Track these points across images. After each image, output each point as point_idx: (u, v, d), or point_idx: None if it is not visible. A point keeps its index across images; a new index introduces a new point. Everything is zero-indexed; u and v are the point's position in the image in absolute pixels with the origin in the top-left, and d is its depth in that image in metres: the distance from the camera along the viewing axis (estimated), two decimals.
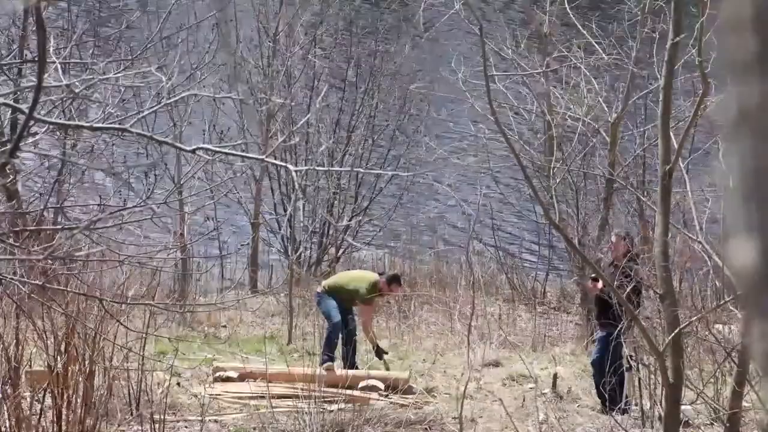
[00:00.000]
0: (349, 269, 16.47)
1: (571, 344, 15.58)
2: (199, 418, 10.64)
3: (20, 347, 9.53)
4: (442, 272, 19.96)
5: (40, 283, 7.76)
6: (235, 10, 19.24)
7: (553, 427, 11.28)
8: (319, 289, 13.30)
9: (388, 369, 13.02)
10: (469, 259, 18.90)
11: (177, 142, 9.09)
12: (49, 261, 7.26)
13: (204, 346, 13.37)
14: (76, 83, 6.98)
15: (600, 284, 11.35)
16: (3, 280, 7.90)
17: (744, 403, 8.55)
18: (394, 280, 13.44)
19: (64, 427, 9.18)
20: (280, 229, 20.32)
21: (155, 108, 7.59)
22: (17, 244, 7.33)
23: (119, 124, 6.80)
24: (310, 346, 13.91)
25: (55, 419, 9.22)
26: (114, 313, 9.20)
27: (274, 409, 11.25)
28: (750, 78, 1.39)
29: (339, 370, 12.63)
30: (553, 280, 20.17)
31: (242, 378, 12.29)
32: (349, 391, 11.80)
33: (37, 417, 9.25)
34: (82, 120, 8.97)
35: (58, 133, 11.37)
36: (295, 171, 6.33)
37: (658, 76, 9.61)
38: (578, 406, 12.17)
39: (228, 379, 12.35)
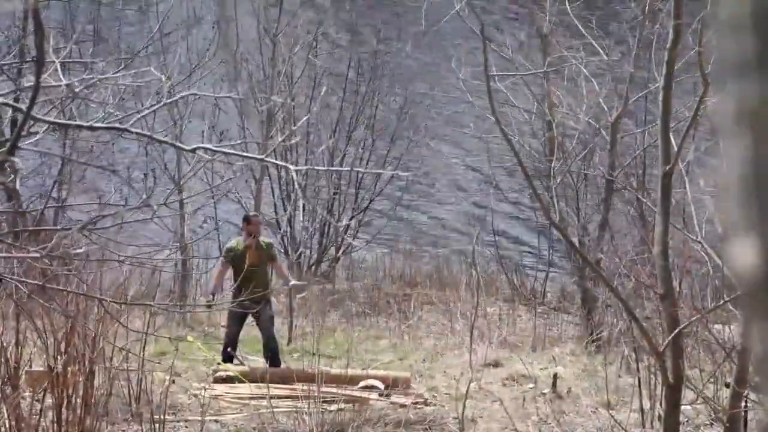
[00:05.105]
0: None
1: (571, 344, 15.58)
2: (199, 418, 10.64)
3: (20, 347, 9.52)
4: (442, 272, 19.97)
5: (40, 283, 7.75)
6: (236, 9, 19.24)
7: (553, 427, 11.28)
8: None
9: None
10: (474, 260, 18.88)
11: (177, 142, 9.08)
12: (48, 260, 7.26)
13: (204, 346, 13.37)
14: (76, 83, 6.97)
15: None
16: (3, 280, 7.89)
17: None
18: (245, 219, 13.56)
19: (64, 427, 9.17)
20: (280, 229, 20.32)
21: (155, 107, 7.59)
22: (16, 243, 7.33)
23: (119, 123, 6.80)
24: (310, 346, 13.91)
25: (55, 419, 9.21)
26: (114, 313, 9.19)
27: (274, 409, 11.25)
28: (749, 78, 1.39)
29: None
30: (553, 280, 20.18)
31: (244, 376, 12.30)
32: (348, 391, 11.81)
33: (37, 417, 9.24)
34: (82, 120, 8.96)
35: (57, 132, 11.38)
36: (295, 170, 6.32)
37: (657, 77, 9.61)
38: (578, 406, 12.16)
39: (228, 379, 12.35)
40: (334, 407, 11.27)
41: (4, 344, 9.31)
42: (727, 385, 9.24)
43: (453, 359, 14.27)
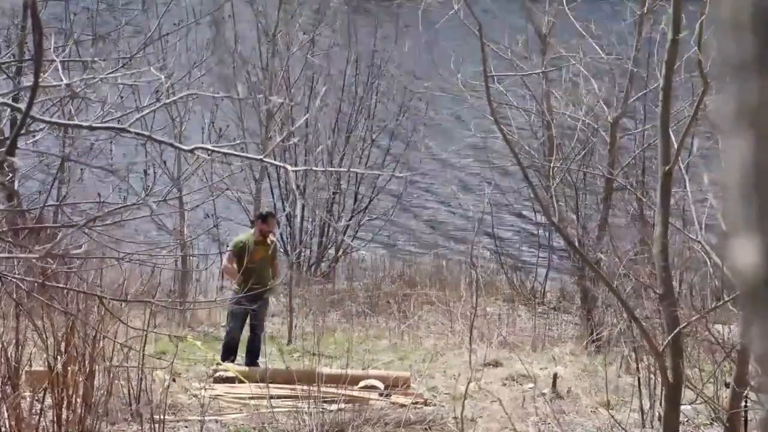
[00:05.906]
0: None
1: (570, 344, 15.58)
2: (199, 418, 10.63)
3: (20, 347, 9.51)
4: (442, 272, 19.97)
5: (40, 281, 7.74)
6: (233, 10, 19.24)
7: (553, 427, 11.27)
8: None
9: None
10: (472, 261, 18.89)
11: (176, 142, 9.08)
12: (48, 259, 7.25)
13: (204, 346, 13.36)
14: (76, 82, 6.97)
15: None
16: (3, 279, 7.89)
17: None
18: (261, 217, 13.70)
19: (64, 427, 9.17)
20: (279, 229, 20.32)
21: (154, 107, 7.58)
22: (16, 242, 7.32)
23: (118, 123, 6.79)
24: (310, 346, 13.91)
25: (55, 419, 9.21)
26: (114, 311, 9.18)
27: (274, 409, 11.25)
28: (749, 77, 1.39)
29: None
30: (553, 280, 20.18)
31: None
32: (348, 391, 11.80)
33: (37, 417, 9.24)
34: (81, 119, 8.96)
35: (56, 132, 11.38)
36: (293, 171, 6.32)
37: (659, 76, 9.60)
38: (578, 406, 12.16)
39: (228, 379, 12.35)
40: (334, 407, 11.27)
41: (4, 344, 9.30)
42: (727, 385, 9.25)
43: (453, 359, 14.27)
